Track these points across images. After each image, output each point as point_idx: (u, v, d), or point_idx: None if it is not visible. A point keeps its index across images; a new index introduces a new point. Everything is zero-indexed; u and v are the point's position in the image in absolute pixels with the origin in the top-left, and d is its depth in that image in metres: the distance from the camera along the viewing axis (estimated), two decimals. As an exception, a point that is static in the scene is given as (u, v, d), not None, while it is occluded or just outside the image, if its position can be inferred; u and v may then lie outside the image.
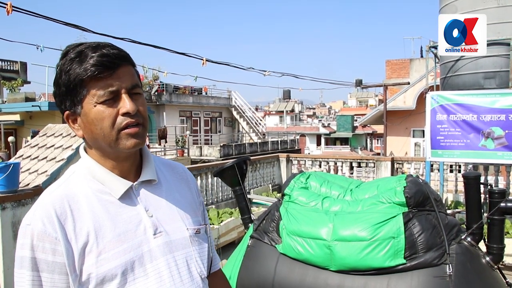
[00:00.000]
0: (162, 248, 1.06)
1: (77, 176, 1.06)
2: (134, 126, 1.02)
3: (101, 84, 0.98)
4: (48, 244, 0.95)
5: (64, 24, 7.45)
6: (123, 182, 1.06)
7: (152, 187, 1.12)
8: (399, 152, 15.94)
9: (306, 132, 43.10)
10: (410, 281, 2.45)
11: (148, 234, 1.05)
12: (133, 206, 1.06)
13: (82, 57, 0.98)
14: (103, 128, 0.99)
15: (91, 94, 0.99)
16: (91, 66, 0.97)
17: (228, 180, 3.32)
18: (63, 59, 1.01)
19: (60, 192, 1.01)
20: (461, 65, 6.67)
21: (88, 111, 1.00)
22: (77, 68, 0.98)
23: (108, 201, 1.03)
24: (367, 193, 2.93)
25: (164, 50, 10.12)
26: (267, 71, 13.85)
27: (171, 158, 15.93)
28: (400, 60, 20.49)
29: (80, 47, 1.00)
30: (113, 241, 0.99)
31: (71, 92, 1.00)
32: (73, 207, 0.99)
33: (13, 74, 23.55)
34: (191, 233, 1.13)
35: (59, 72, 1.01)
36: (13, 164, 3.97)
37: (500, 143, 5.91)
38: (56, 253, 0.95)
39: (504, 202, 2.69)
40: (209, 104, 26.74)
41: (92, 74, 0.97)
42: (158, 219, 1.08)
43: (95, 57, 0.97)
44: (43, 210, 0.97)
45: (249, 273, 2.88)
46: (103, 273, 0.97)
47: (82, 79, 0.98)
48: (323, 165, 9.90)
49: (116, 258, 0.98)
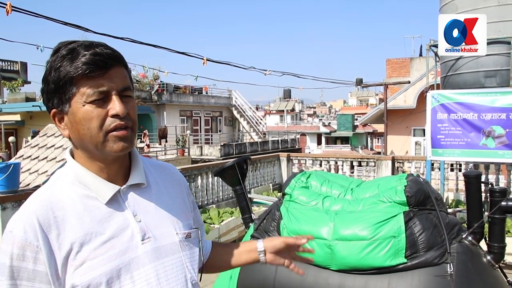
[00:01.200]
0: (150, 255, 1.02)
1: (62, 181, 1.03)
2: (123, 129, 0.99)
3: (91, 83, 0.95)
4: (29, 252, 0.92)
5: (64, 24, 7.45)
6: (110, 186, 1.03)
7: (141, 191, 1.09)
8: (400, 151, 15.94)
9: (306, 131, 43.10)
10: (411, 280, 2.44)
11: (135, 240, 1.01)
12: (121, 211, 1.03)
13: (74, 54, 0.95)
14: (91, 128, 0.97)
15: (80, 93, 0.96)
16: (82, 64, 0.94)
17: (228, 180, 3.31)
18: (54, 56, 0.98)
19: (45, 199, 0.98)
20: (461, 63, 6.66)
21: (76, 110, 0.97)
22: (68, 66, 0.95)
23: (95, 207, 1.00)
24: (368, 192, 2.93)
25: (164, 49, 10.12)
26: (267, 71, 13.85)
27: (172, 157, 15.93)
28: (401, 59, 20.49)
29: (72, 45, 0.98)
30: (98, 249, 0.96)
31: (60, 90, 0.97)
32: (57, 214, 0.96)
33: (13, 74, 23.56)
34: (181, 237, 1.10)
35: (49, 69, 0.98)
36: (14, 164, 3.97)
37: (501, 142, 5.90)
38: (37, 261, 0.93)
39: (505, 201, 2.68)
40: (209, 104, 26.74)
41: (83, 72, 0.94)
42: (146, 224, 1.04)
43: (87, 55, 0.94)
44: (26, 218, 0.94)
45: (250, 273, 2.87)
46: (88, 282, 0.94)
47: (72, 77, 0.95)
48: (324, 164, 9.89)
49: (101, 266, 0.95)
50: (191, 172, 7.50)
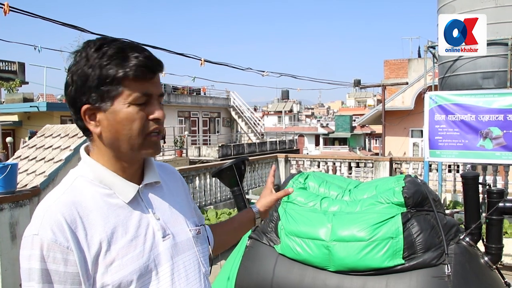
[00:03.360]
0: (171, 251, 1.06)
1: (82, 181, 1.02)
2: (158, 133, 1.02)
3: (139, 86, 0.97)
4: (59, 254, 0.91)
5: (62, 24, 7.42)
6: (131, 185, 1.04)
7: (155, 189, 1.11)
8: (398, 152, 15.95)
9: (304, 132, 43.11)
10: (409, 281, 2.45)
11: (157, 237, 1.04)
12: (141, 209, 1.05)
13: (123, 55, 0.96)
14: (132, 130, 0.98)
15: (126, 94, 0.97)
16: (136, 66, 0.96)
17: (226, 181, 3.31)
18: (97, 52, 0.97)
19: (67, 199, 0.97)
20: (459, 65, 6.67)
21: (119, 109, 0.97)
22: (118, 65, 0.95)
23: (117, 206, 1.01)
24: (366, 193, 2.93)
25: (162, 50, 10.09)
26: (265, 72, 13.84)
27: (170, 158, 15.92)
28: (399, 60, 20.52)
29: (116, 44, 0.98)
30: (125, 247, 0.97)
31: (104, 87, 0.96)
32: (82, 214, 0.95)
33: (11, 74, 23.50)
34: (193, 234, 1.14)
35: (90, 65, 0.96)
36: (11, 165, 3.96)
37: (498, 143, 5.92)
38: (68, 263, 0.91)
39: (502, 202, 2.69)
40: (207, 105, 26.72)
41: (134, 74, 0.96)
42: (164, 221, 1.08)
43: (140, 57, 0.97)
44: (52, 218, 0.92)
45: (248, 274, 2.87)
46: (119, 280, 0.95)
47: (121, 77, 0.95)
48: (322, 165, 9.89)
49: (130, 264, 0.97)
50: (189, 173, 7.50)
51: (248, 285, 2.85)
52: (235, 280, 2.88)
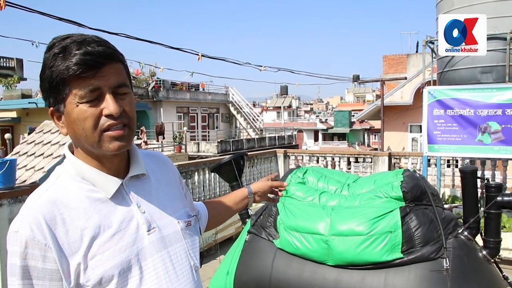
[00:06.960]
0: (156, 245, 1.04)
1: (64, 178, 1.02)
2: (118, 128, 0.97)
3: (83, 83, 0.93)
4: (38, 251, 0.92)
5: (59, 20, 7.39)
6: (113, 180, 1.03)
7: (141, 182, 1.10)
8: (397, 147, 15.96)
9: (303, 128, 43.12)
10: (408, 275, 2.46)
11: (141, 231, 1.03)
12: (125, 203, 1.03)
13: (65, 53, 0.93)
14: (85, 128, 0.95)
15: (73, 94, 0.94)
16: (73, 65, 0.91)
17: (225, 176, 3.31)
18: (47, 53, 0.95)
19: (48, 196, 0.97)
20: (458, 59, 6.66)
21: (71, 110, 0.95)
22: (60, 65, 0.92)
23: (100, 201, 1.00)
24: (364, 188, 2.94)
25: (159, 45, 10.06)
26: (263, 66, 13.81)
27: (169, 154, 15.91)
28: (397, 55, 20.51)
29: (66, 41, 0.95)
30: (107, 242, 0.97)
31: (54, 90, 0.95)
32: (62, 211, 0.96)
33: (9, 71, 23.45)
34: (182, 226, 1.12)
35: (43, 67, 0.96)
36: (10, 161, 3.95)
37: (497, 138, 5.92)
38: (46, 259, 0.92)
39: (500, 196, 2.70)
40: (206, 100, 26.69)
41: (73, 73, 0.92)
42: (150, 214, 1.06)
43: (78, 55, 0.92)
44: (31, 216, 0.93)
45: (247, 268, 2.88)
46: (100, 275, 0.95)
47: (64, 78, 0.93)
48: (321, 161, 9.90)
49: (111, 259, 0.96)
50: (188, 168, 7.50)
51: (247, 279, 2.86)
52: (234, 275, 2.89)
